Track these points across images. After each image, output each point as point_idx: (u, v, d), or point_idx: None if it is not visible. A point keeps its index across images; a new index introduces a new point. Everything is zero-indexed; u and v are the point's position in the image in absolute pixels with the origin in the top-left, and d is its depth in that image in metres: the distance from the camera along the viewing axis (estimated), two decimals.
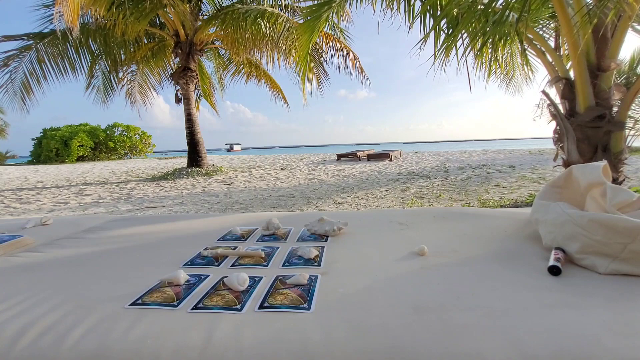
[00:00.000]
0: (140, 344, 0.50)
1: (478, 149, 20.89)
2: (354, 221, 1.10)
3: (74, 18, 5.12)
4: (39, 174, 12.29)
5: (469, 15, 2.61)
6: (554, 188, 0.87)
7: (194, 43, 9.31)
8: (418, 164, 10.74)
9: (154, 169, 12.53)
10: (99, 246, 0.99)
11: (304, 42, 3.60)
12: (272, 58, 9.10)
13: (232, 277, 0.64)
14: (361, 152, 15.33)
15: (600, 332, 0.46)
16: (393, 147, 35.94)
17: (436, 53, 2.96)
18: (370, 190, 5.67)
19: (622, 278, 0.61)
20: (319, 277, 0.67)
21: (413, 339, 0.47)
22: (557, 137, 3.04)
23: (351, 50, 8.58)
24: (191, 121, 9.88)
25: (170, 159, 20.84)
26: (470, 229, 0.98)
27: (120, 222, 1.27)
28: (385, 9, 3.23)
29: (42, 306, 0.61)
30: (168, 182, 7.98)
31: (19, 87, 8.45)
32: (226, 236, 1.00)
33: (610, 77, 2.59)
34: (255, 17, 7.42)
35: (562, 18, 2.47)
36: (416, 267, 0.73)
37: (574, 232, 0.67)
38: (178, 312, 0.57)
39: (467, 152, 16.41)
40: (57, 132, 21.94)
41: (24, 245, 1.00)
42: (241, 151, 73.18)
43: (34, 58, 8.21)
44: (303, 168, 10.83)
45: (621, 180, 2.78)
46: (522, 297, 0.56)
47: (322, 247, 0.88)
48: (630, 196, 0.69)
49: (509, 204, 4.15)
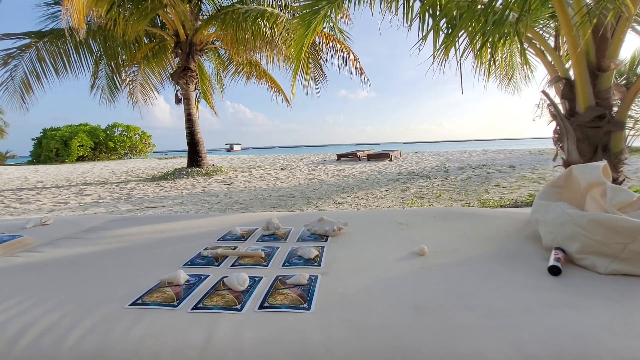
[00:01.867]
0: (140, 344, 0.50)
1: (478, 149, 20.88)
2: (354, 221, 1.10)
3: (80, 20, 5.13)
4: (39, 174, 12.28)
5: (468, 15, 2.61)
6: (554, 188, 0.87)
7: (194, 43, 9.31)
8: (418, 164, 10.73)
9: (154, 169, 12.53)
10: (99, 246, 0.99)
11: (298, 37, 3.59)
12: (272, 58, 9.09)
13: (232, 277, 0.64)
14: (361, 152, 15.33)
15: (601, 332, 0.46)
16: (393, 147, 35.93)
17: (435, 53, 2.96)
18: (370, 190, 5.67)
19: (622, 278, 0.61)
20: (319, 277, 0.67)
21: (413, 339, 0.47)
22: (557, 137, 3.04)
23: (351, 51, 8.58)
24: (191, 121, 9.88)
25: (170, 159, 20.83)
26: (470, 229, 0.98)
27: (120, 222, 1.27)
28: (384, 9, 3.22)
29: (42, 306, 0.60)
30: (168, 182, 7.98)
31: (18, 85, 8.44)
32: (226, 236, 1.00)
33: (610, 77, 2.59)
34: (255, 17, 7.42)
35: (562, 18, 2.47)
36: (416, 267, 0.73)
37: (574, 232, 0.66)
38: (178, 312, 0.57)
39: (467, 152, 16.41)
40: (57, 132, 21.94)
41: (24, 245, 1.00)
42: (241, 151, 73.14)
43: (34, 56, 8.20)
44: (303, 168, 10.83)
45: (621, 180, 2.78)
46: (522, 297, 0.56)
47: (322, 247, 0.88)
48: (630, 196, 0.69)
49: (509, 204, 4.15)
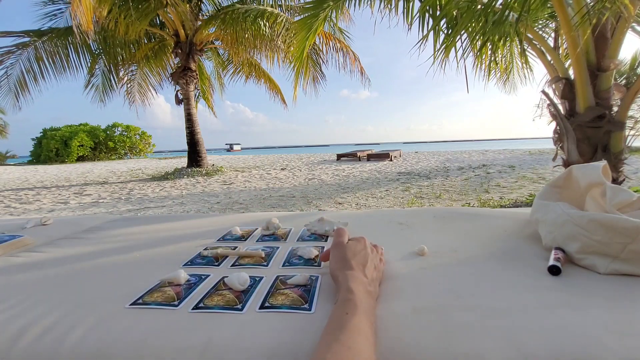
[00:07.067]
0: (141, 343, 0.50)
1: (478, 149, 20.87)
2: (354, 221, 1.10)
3: (88, 21, 5.16)
4: (39, 174, 12.27)
5: (468, 15, 2.61)
6: (554, 188, 0.86)
7: (194, 43, 9.30)
8: (418, 164, 10.72)
9: (154, 169, 12.51)
10: (99, 246, 0.99)
11: (300, 40, 3.59)
12: (271, 58, 9.09)
13: (232, 277, 0.64)
14: (361, 152, 15.32)
15: (601, 332, 0.46)
16: (393, 147, 35.91)
17: (435, 53, 2.95)
18: (370, 190, 5.66)
19: (622, 278, 0.61)
20: (319, 278, 0.67)
21: (413, 339, 0.47)
22: (557, 137, 3.04)
23: (351, 50, 8.58)
24: (191, 121, 9.87)
25: (170, 159, 20.81)
26: (470, 229, 0.98)
27: (120, 222, 1.27)
28: (384, 9, 3.22)
29: (42, 306, 0.60)
30: (168, 182, 7.97)
31: (13, 84, 8.42)
32: (226, 236, 1.00)
33: (610, 77, 2.59)
34: (255, 17, 7.42)
35: (562, 18, 2.47)
36: (416, 267, 0.73)
37: (574, 232, 0.66)
38: (179, 311, 0.57)
39: (467, 152, 16.39)
40: (57, 132, 21.94)
41: (24, 245, 1.00)
42: (241, 151, 72.93)
43: (32, 55, 8.18)
44: (303, 168, 10.82)
45: (621, 180, 2.78)
46: (522, 297, 0.56)
47: (322, 247, 0.88)
48: (630, 196, 0.69)
49: (509, 204, 4.14)
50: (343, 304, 0.49)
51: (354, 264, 0.60)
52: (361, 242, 0.67)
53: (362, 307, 0.48)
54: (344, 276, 0.57)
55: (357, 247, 0.65)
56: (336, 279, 0.59)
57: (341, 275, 0.58)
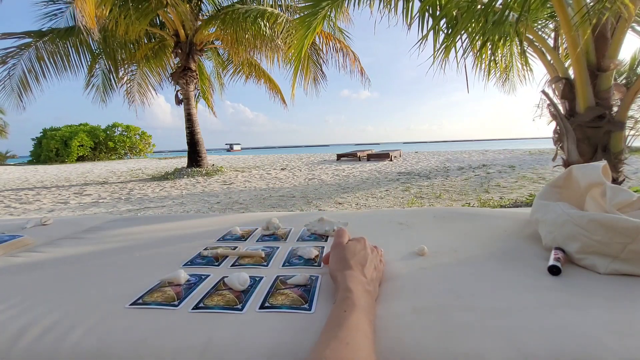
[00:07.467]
0: (141, 343, 0.50)
1: (478, 149, 20.87)
2: (353, 221, 1.10)
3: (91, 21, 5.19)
4: (39, 174, 12.27)
5: (468, 15, 2.61)
6: (554, 188, 0.86)
7: (194, 43, 9.30)
8: (418, 164, 10.72)
9: (154, 169, 12.52)
10: (99, 246, 0.99)
11: (298, 39, 3.59)
12: (271, 58, 9.09)
13: (232, 277, 0.64)
14: (361, 152, 15.31)
15: (601, 332, 0.46)
16: (393, 147, 35.92)
17: (435, 53, 2.95)
18: (370, 190, 5.66)
19: (622, 278, 0.61)
20: (319, 278, 0.67)
21: (413, 339, 0.47)
22: (557, 137, 3.04)
23: (351, 50, 8.58)
24: (191, 121, 9.87)
25: (170, 159, 20.81)
26: (470, 229, 0.98)
27: (120, 222, 1.27)
28: (383, 9, 3.22)
29: (42, 306, 0.60)
30: (168, 182, 7.97)
31: (16, 84, 8.43)
32: (226, 236, 1.00)
33: (610, 77, 2.59)
34: (255, 17, 7.42)
35: (562, 18, 2.47)
36: (416, 267, 0.73)
37: (574, 232, 0.66)
38: (179, 311, 0.57)
39: (467, 152, 16.39)
40: (57, 132, 21.94)
41: (24, 245, 1.00)
42: (241, 151, 72.94)
43: (33, 55, 8.19)
44: (303, 168, 10.82)
45: (621, 180, 2.78)
46: (522, 297, 0.56)
47: (322, 247, 0.88)
48: (630, 196, 0.69)
49: (509, 204, 4.15)
50: (341, 303, 0.49)
51: (353, 264, 0.60)
52: (361, 242, 0.67)
53: (361, 305, 0.49)
54: (342, 276, 0.57)
55: (357, 247, 0.65)
56: (335, 279, 0.60)
57: (340, 275, 0.58)
